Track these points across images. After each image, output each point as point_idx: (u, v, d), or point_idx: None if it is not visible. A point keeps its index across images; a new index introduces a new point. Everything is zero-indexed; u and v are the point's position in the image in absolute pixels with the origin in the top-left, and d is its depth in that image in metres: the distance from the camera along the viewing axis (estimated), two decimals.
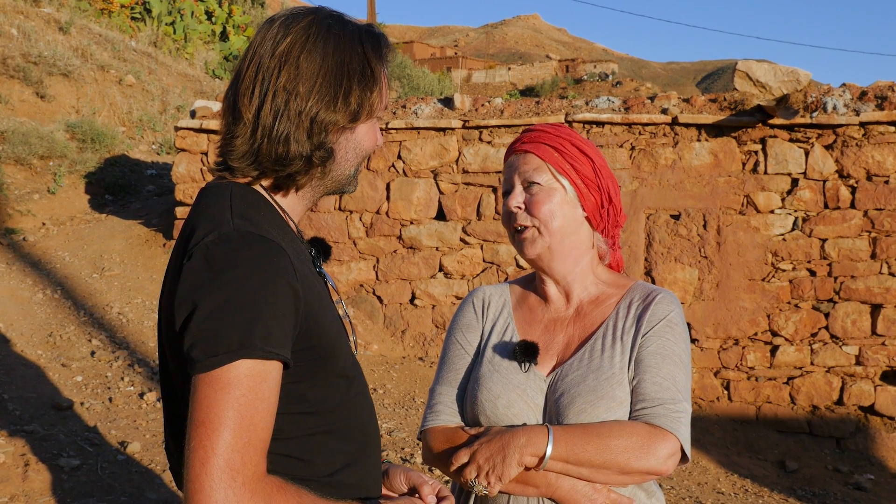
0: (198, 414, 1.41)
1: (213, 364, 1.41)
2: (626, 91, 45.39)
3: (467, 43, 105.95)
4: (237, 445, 1.40)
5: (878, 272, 7.19)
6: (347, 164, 1.72)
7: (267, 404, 1.45)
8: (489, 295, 2.22)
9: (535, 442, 1.88)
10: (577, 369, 1.99)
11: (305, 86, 1.60)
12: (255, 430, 1.42)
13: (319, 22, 1.65)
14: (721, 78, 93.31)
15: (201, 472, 1.38)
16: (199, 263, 1.47)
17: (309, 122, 1.61)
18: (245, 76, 1.63)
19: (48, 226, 9.66)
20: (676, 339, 2.00)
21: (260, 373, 1.44)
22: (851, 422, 7.24)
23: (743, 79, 7.44)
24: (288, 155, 1.61)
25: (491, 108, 7.89)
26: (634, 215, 7.47)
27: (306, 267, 1.62)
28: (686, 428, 1.93)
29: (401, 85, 30.96)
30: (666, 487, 6.02)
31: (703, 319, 7.39)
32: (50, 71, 12.97)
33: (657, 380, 1.94)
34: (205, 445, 1.39)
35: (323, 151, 1.64)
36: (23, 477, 4.64)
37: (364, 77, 1.65)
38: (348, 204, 8.00)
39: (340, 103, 1.62)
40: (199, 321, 1.43)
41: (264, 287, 1.46)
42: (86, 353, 6.76)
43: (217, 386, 1.41)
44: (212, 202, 1.60)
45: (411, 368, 7.57)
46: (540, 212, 2.02)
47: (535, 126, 2.13)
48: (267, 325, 1.44)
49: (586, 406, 1.94)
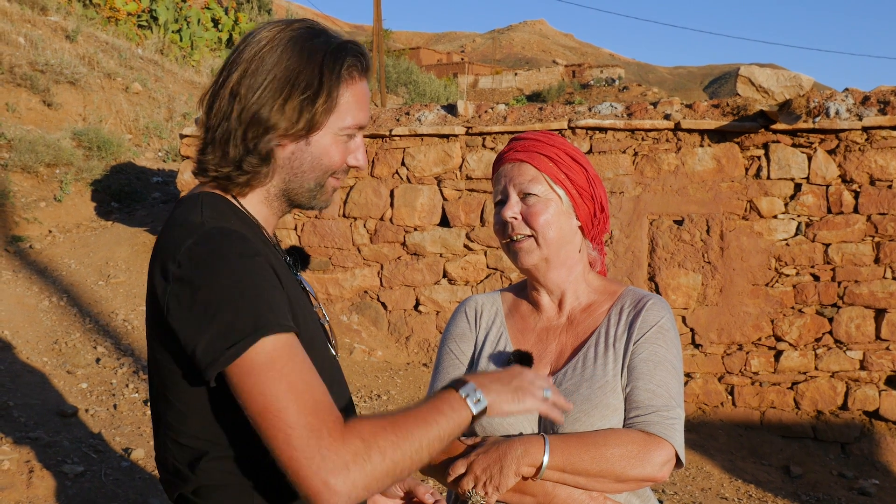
0: (253, 405, 1.43)
1: (236, 353, 1.43)
2: (632, 96, 45.39)
3: (474, 48, 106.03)
4: (306, 410, 1.41)
5: (881, 277, 7.18)
6: (304, 177, 1.71)
7: (307, 365, 1.48)
8: (481, 304, 2.23)
9: (532, 452, 1.89)
10: (571, 378, 2.01)
11: (252, 87, 1.63)
12: (312, 390, 1.45)
13: (292, 31, 1.68)
14: (728, 82, 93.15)
15: (293, 452, 1.39)
16: (190, 266, 1.50)
17: (246, 123, 1.63)
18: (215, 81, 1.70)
19: (54, 233, 9.70)
20: (668, 345, 2.01)
21: (285, 343, 1.46)
22: (856, 427, 7.22)
23: (745, 84, 7.45)
24: (227, 155, 1.65)
25: (494, 114, 7.91)
26: (638, 221, 7.48)
27: (282, 269, 1.65)
28: (680, 434, 1.95)
29: (407, 91, 31.02)
30: (669, 493, 6.03)
31: (706, 325, 7.39)
32: (57, 79, 13.04)
33: (650, 387, 1.96)
34: (279, 427, 1.41)
35: (255, 156, 1.66)
36: (27, 483, 4.66)
37: (308, 89, 1.64)
38: (352, 211, 8.03)
39: (277, 108, 1.63)
40: (208, 319, 1.45)
41: (253, 271, 1.50)
42: (91, 360, 6.79)
43: (254, 371, 1.43)
44: (184, 211, 1.64)
45: (415, 375, 7.59)
46: (537, 223, 2.03)
47: (525, 134, 2.13)
48: (269, 303, 1.48)
49: (580, 415, 1.95)
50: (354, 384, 7.20)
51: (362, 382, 7.25)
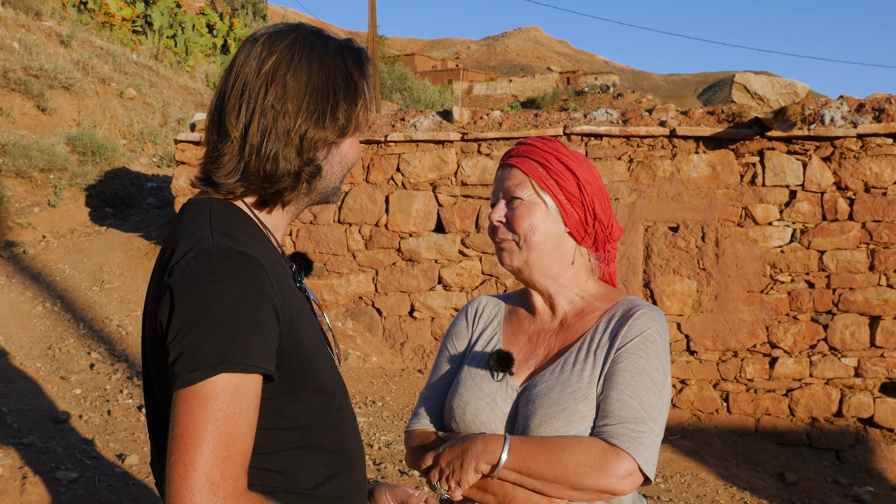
0: (178, 429, 1.42)
1: (194, 379, 1.42)
2: (627, 103, 45.48)
3: (469, 55, 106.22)
4: (217, 459, 1.40)
5: (876, 284, 7.19)
6: (333, 178, 1.73)
7: (246, 418, 1.46)
8: (484, 305, 2.26)
9: (491, 450, 1.91)
10: (546, 381, 2.00)
11: (294, 104, 1.62)
12: (235, 444, 1.43)
13: (302, 39, 1.67)
14: (722, 89, 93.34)
15: (182, 487, 1.39)
16: (180, 280, 1.48)
17: (298, 140, 1.62)
18: (231, 95, 1.64)
19: (48, 238, 9.67)
20: (650, 357, 1.96)
21: (238, 387, 1.44)
22: (851, 434, 7.23)
23: (741, 91, 7.46)
24: (277, 172, 1.62)
25: (489, 120, 7.91)
26: (633, 227, 7.48)
27: (285, 282, 1.63)
28: (647, 449, 1.89)
29: (402, 97, 31.03)
30: (665, 500, 6.02)
31: (701, 331, 7.39)
32: (51, 84, 13.02)
33: (623, 398, 1.92)
34: (184, 460, 1.40)
35: (312, 167, 1.66)
36: (20, 490, 4.64)
37: (349, 92, 1.67)
38: (347, 217, 8.02)
39: (329, 120, 1.64)
40: (181, 337, 1.44)
41: (244, 301, 1.47)
42: (85, 365, 6.76)
43: (195, 400, 1.42)
44: (192, 219, 1.62)
45: (410, 381, 7.57)
46: (520, 226, 2.04)
47: (526, 140, 2.14)
48: (247, 338, 1.45)
49: (546, 418, 1.94)
50: (349, 390, 7.15)
51: (357, 389, 7.23)
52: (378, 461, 5.78)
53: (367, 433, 6.35)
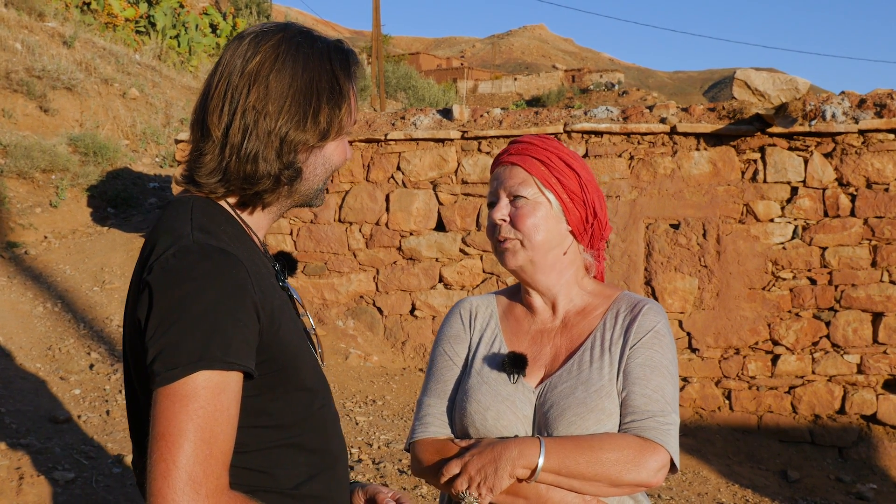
0: (158, 427, 1.41)
1: (173, 377, 1.41)
2: (631, 100, 45.44)
3: (473, 54, 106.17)
4: (198, 458, 1.39)
5: (878, 280, 7.15)
6: (315, 180, 1.71)
7: (227, 416, 1.45)
8: (476, 306, 2.22)
9: (528, 454, 1.88)
10: (566, 381, 1.99)
11: (275, 105, 1.60)
12: (216, 442, 1.42)
13: (289, 40, 1.65)
14: (728, 86, 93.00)
15: (164, 486, 1.38)
16: (160, 277, 1.47)
17: (279, 142, 1.61)
18: (214, 93, 1.63)
19: (50, 239, 9.68)
20: (664, 350, 2.00)
21: (218, 384, 1.43)
22: (853, 431, 7.19)
23: (741, 87, 7.43)
24: (256, 173, 1.61)
25: (490, 118, 7.89)
26: (634, 225, 7.45)
27: (266, 280, 1.61)
28: (675, 440, 1.94)
29: (406, 96, 31.00)
30: (666, 498, 5.99)
31: (703, 329, 7.36)
32: (53, 85, 13.02)
33: (646, 392, 1.95)
34: (166, 459, 1.38)
35: (291, 171, 1.64)
36: (17, 490, 4.63)
37: (332, 95, 1.65)
38: (348, 215, 8.00)
39: (310, 122, 1.63)
40: (160, 335, 1.43)
41: (223, 298, 1.46)
42: (84, 366, 6.76)
43: (176, 398, 1.40)
44: (173, 216, 1.61)
45: (411, 380, 7.56)
46: (524, 225, 2.02)
47: (522, 138, 2.12)
48: (226, 335, 1.44)
49: (576, 418, 1.94)
50: (350, 389, 7.17)
51: (358, 388, 7.22)
52: (378, 460, 5.76)
53: (367, 432, 6.34)
